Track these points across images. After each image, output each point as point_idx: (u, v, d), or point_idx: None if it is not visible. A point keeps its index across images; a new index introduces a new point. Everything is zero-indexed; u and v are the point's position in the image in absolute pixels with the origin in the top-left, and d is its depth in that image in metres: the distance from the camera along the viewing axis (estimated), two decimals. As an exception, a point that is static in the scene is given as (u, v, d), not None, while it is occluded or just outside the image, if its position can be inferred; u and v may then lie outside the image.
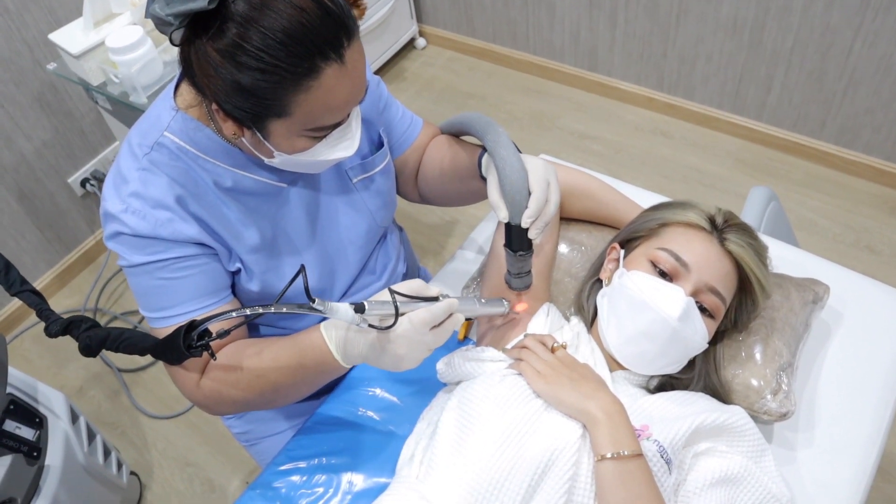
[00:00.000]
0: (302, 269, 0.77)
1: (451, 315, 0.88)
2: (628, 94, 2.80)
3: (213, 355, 0.82)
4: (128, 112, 2.01)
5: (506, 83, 3.04)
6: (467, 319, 0.94)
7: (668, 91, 2.70)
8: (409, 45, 3.26)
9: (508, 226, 0.96)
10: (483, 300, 1.01)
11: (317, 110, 0.84)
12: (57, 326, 0.87)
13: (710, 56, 2.47)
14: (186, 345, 0.79)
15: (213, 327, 0.80)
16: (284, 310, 0.76)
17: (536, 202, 0.93)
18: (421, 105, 3.00)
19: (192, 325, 0.79)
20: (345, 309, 0.78)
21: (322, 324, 0.92)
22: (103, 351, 0.89)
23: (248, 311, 0.76)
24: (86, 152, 2.44)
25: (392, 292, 0.82)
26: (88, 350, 0.85)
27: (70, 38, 1.90)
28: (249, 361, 0.96)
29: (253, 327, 1.21)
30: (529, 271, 1.02)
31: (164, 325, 0.98)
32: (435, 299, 0.86)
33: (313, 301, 0.76)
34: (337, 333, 0.90)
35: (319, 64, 0.80)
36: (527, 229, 0.95)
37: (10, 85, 2.12)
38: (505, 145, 0.95)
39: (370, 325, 0.82)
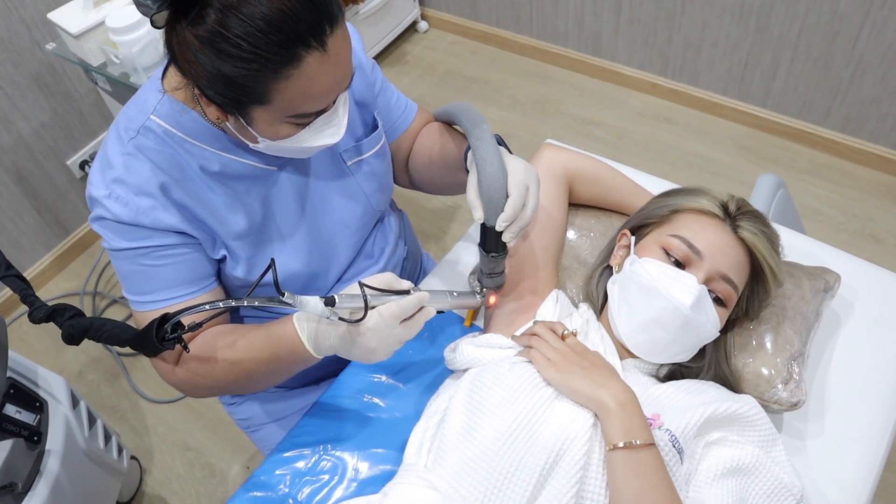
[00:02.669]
0: (272, 263, 0.78)
1: (421, 308, 0.89)
2: (632, 79, 2.77)
3: (185, 348, 0.83)
4: (128, 94, 1.99)
5: (509, 68, 3.01)
6: (439, 312, 0.95)
7: (673, 77, 2.68)
8: (411, 28, 3.22)
9: (483, 226, 0.96)
10: (455, 293, 1.01)
11: (298, 98, 0.83)
12: (41, 313, 0.86)
13: (716, 42, 2.45)
14: (159, 337, 0.79)
15: (186, 319, 0.80)
16: (256, 303, 0.78)
17: (513, 206, 0.92)
18: (423, 89, 2.98)
19: (164, 318, 0.79)
20: (314, 302, 0.80)
21: (295, 315, 0.92)
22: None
23: (220, 304, 0.77)
24: (85, 134, 2.42)
25: (362, 286, 0.83)
26: (71, 339, 0.85)
27: (69, 17, 1.87)
28: (223, 352, 0.96)
29: (235, 310, 1.21)
30: (502, 272, 1.02)
31: (144, 309, 0.99)
32: (406, 292, 0.87)
33: (283, 294, 0.77)
34: (309, 325, 0.90)
35: (300, 52, 0.78)
36: (501, 232, 0.94)
37: (8, 65, 2.09)
38: (487, 144, 0.93)
39: (340, 318, 0.82)
